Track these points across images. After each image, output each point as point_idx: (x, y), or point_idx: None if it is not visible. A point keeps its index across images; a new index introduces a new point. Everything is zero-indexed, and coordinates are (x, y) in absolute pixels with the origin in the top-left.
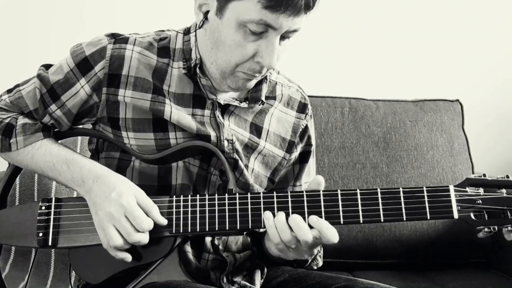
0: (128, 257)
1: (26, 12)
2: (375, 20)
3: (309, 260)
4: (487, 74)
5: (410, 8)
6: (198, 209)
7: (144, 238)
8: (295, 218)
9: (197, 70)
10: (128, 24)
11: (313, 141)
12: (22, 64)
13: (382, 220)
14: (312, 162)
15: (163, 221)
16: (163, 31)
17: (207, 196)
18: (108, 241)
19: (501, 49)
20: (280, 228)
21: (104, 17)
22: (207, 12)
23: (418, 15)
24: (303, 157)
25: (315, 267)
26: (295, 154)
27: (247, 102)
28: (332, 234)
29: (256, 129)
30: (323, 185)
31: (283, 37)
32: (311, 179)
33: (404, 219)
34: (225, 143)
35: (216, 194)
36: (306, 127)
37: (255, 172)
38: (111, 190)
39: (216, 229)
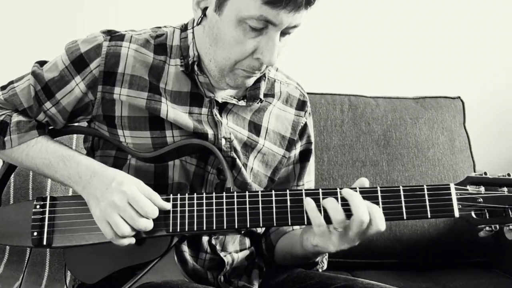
0: (133, 240)
1: (20, 7)
2: (375, 16)
3: (318, 262)
4: (489, 71)
5: (411, 4)
6: (195, 208)
7: (149, 224)
8: (354, 194)
9: (195, 67)
10: (124, 20)
11: (313, 139)
12: (17, 61)
13: None
14: (312, 160)
15: (167, 206)
16: (160, 27)
17: (204, 195)
18: (116, 230)
19: (502, 45)
20: (333, 208)
21: (99, 13)
22: (206, 8)
23: (418, 10)
24: (304, 156)
25: (320, 270)
26: (295, 152)
27: (246, 100)
28: (381, 220)
29: (255, 127)
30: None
31: (283, 33)
32: (312, 177)
33: (405, 217)
34: (223, 141)
35: (214, 193)
36: (306, 125)
37: (254, 171)
38: (111, 181)
39: (214, 228)
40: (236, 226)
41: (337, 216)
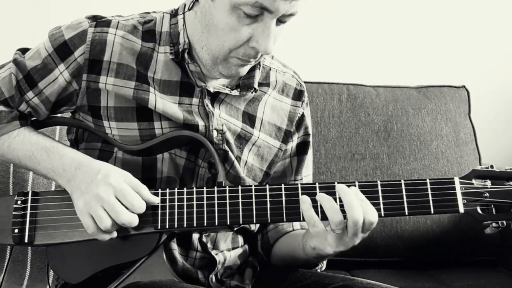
0: (115, 234)
1: None
2: (375, 0)
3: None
4: (496, 58)
5: None
6: (185, 203)
7: (134, 219)
8: (347, 192)
9: (186, 55)
10: (111, 5)
11: (310, 131)
12: None
13: (382, 215)
14: (310, 153)
15: (156, 200)
16: (148, 13)
17: (194, 190)
18: (98, 223)
19: (509, 32)
20: (331, 208)
21: None
22: None
23: None
24: (302, 149)
25: (318, 270)
26: (291, 144)
27: (239, 89)
28: (373, 212)
29: (249, 118)
30: None
31: (278, 21)
32: (310, 171)
33: (406, 213)
34: (214, 133)
35: (205, 188)
36: (303, 115)
37: (249, 165)
38: (97, 173)
39: (205, 224)
40: (228, 223)
41: (335, 217)
